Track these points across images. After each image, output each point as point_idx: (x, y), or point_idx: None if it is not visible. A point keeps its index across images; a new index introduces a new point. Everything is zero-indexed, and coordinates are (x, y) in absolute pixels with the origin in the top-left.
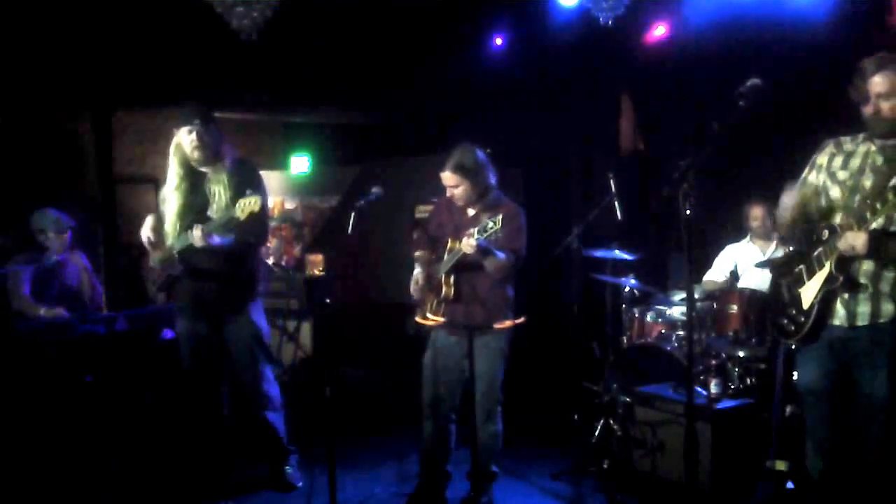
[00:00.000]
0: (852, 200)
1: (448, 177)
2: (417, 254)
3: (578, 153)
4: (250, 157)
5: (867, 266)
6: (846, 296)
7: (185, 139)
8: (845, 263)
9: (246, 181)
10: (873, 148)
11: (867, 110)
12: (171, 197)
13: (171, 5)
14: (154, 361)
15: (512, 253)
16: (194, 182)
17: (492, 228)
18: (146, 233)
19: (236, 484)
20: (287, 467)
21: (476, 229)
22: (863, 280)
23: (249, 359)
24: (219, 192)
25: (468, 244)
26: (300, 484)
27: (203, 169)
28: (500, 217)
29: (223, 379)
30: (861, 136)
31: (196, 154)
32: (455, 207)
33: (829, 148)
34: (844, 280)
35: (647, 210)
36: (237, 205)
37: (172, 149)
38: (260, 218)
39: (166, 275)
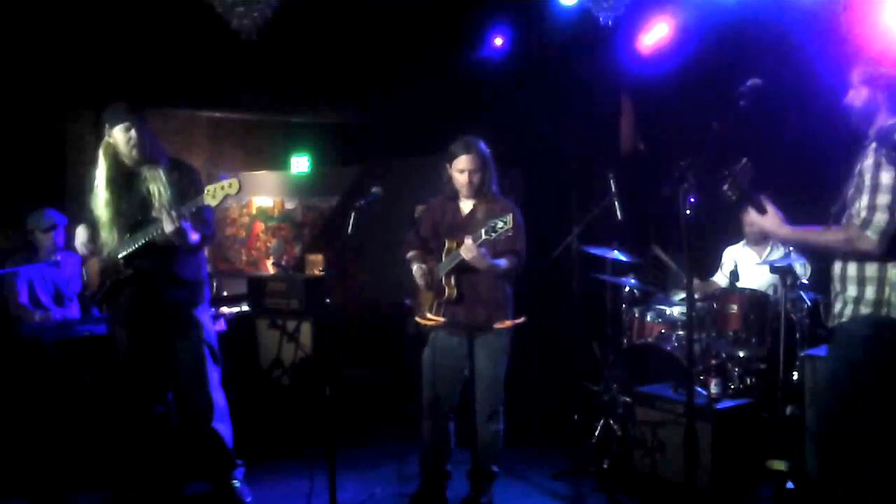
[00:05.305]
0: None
1: (470, 160)
2: (410, 255)
3: (578, 153)
4: (186, 158)
5: (837, 270)
6: (831, 297)
7: (120, 137)
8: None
9: (189, 179)
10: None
11: None
12: (101, 203)
13: (171, 5)
14: None
15: (514, 255)
16: (126, 185)
17: (501, 228)
18: (81, 245)
19: (189, 497)
20: (234, 481)
21: (483, 230)
22: (834, 283)
23: (196, 368)
24: (158, 190)
25: (467, 250)
26: (249, 499)
27: (139, 168)
28: (509, 217)
29: (168, 388)
30: None
31: (135, 152)
32: (449, 208)
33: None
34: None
35: (646, 210)
36: (206, 191)
37: (102, 150)
38: (211, 208)
39: (109, 282)
